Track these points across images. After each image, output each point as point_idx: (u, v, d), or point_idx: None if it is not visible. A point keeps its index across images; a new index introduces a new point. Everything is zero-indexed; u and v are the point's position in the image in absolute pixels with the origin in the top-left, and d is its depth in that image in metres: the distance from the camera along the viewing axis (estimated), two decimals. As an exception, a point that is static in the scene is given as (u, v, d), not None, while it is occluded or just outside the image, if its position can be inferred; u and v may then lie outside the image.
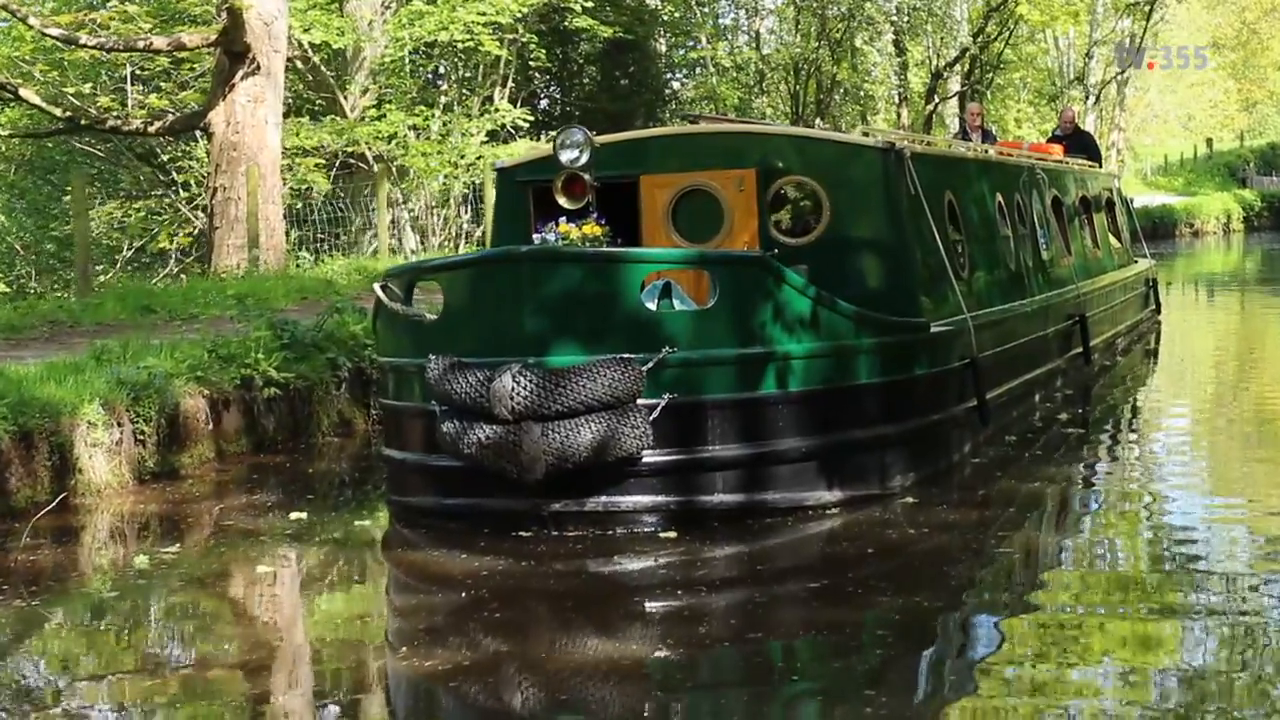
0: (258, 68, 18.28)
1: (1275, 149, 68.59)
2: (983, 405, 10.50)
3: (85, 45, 18.65)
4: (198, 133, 21.40)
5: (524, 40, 28.49)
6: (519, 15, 26.42)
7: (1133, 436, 12.09)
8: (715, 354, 8.43)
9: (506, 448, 8.11)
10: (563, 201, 9.23)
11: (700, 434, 8.44)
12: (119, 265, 23.22)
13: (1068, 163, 17.09)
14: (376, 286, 9.03)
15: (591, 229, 8.81)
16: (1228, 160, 66.18)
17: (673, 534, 8.30)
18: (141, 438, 10.02)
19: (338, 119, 24.89)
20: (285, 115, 26.19)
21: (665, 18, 36.74)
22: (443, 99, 29.03)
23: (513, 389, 8.01)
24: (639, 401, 8.22)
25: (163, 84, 23.19)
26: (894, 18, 43.59)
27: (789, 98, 42.68)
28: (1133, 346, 17.59)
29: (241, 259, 18.06)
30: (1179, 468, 10.50)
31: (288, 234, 22.13)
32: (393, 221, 26.05)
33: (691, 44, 39.98)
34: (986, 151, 14.43)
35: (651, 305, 8.70)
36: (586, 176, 9.24)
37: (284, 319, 12.02)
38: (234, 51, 18.18)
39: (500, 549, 8.15)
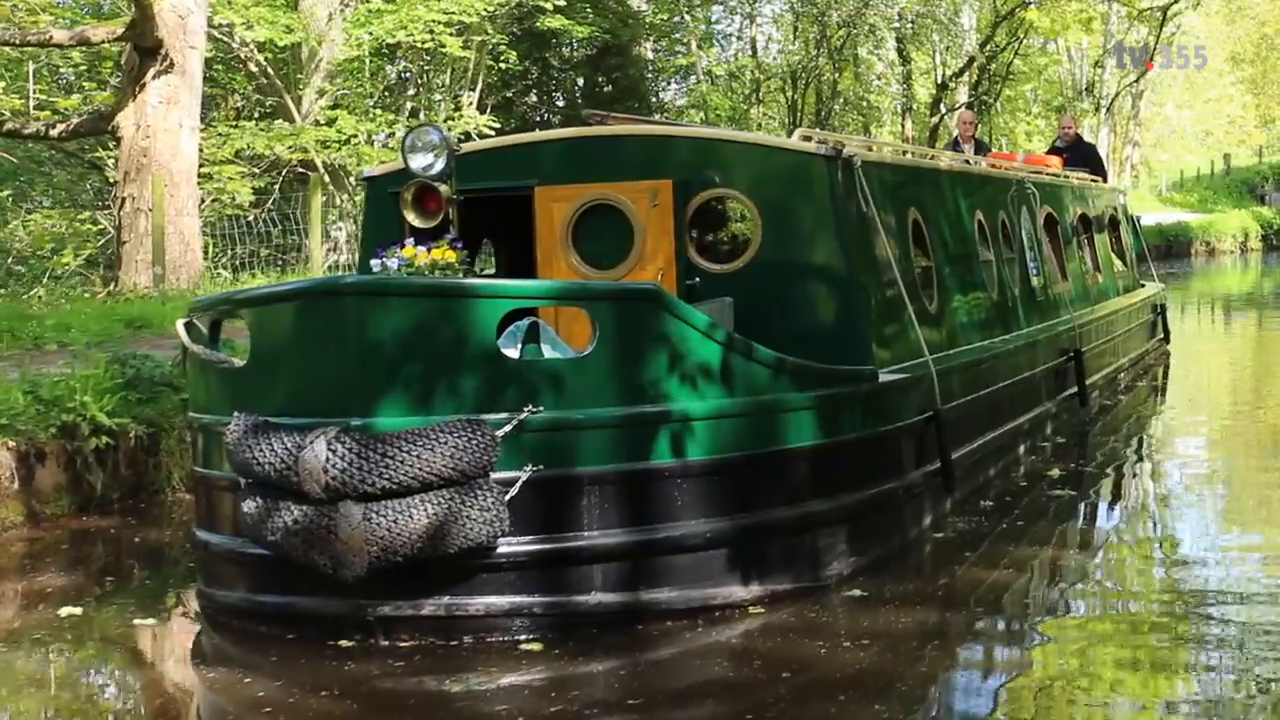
0: (171, 65, 16.53)
1: (1294, 165, 66.57)
2: (948, 467, 8.67)
3: (-24, 41, 16.93)
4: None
5: (494, 42, 26.71)
6: (486, 14, 24.64)
7: (1134, 495, 10.25)
8: (594, 414, 6.64)
9: (318, 534, 6.34)
10: (412, 218, 7.44)
11: (573, 516, 6.65)
12: (45, 279, 21.41)
13: (1066, 176, 15.24)
14: (179, 324, 7.24)
15: (443, 253, 7.00)
16: (1245, 177, 64.18)
17: (538, 645, 6.54)
18: (-84, 502, 8.22)
19: (285, 124, 23.12)
20: (235, 119, 24.55)
21: (651, 21, 34.84)
22: (408, 104, 27.31)
23: (327, 459, 6.26)
24: (492, 476, 6.43)
25: (86, 84, 21.45)
26: (896, 24, 41.77)
27: (786, 107, 40.88)
28: (1137, 383, 15.69)
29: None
30: (1192, 539, 8.71)
31: (226, 249, 20.45)
32: (350, 236, 24.34)
33: (682, 50, 38.15)
34: (977, 162, 12.61)
35: (512, 351, 6.89)
36: (443, 188, 7.43)
37: (130, 352, 10.20)
38: (144, 47, 16.41)
39: (316, 664, 6.40)
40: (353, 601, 6.49)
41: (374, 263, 7.21)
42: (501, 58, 27.33)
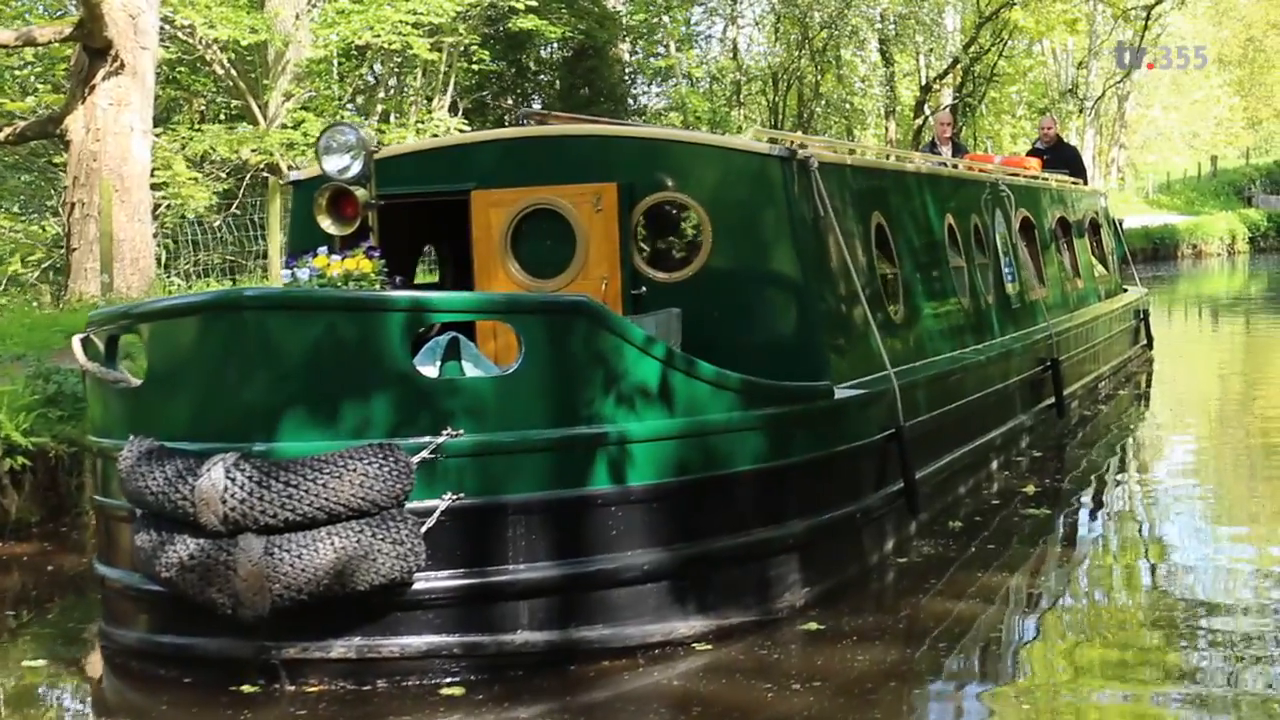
0: (121, 66, 15.96)
1: (1282, 167, 66.16)
2: (911, 488, 8.14)
3: (-85, 41, 16.35)
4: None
5: (466, 43, 26.17)
6: (457, 15, 24.09)
7: (1114, 512, 9.71)
8: (520, 437, 6.11)
9: (216, 570, 5.82)
10: (327, 224, 6.91)
11: (497, 548, 6.13)
12: (4, 285, 20.82)
13: (1045, 179, 14.73)
14: (75, 340, 6.70)
15: (358, 263, 6.47)
16: (1233, 178, 63.79)
17: (459, 689, 6.03)
18: None
19: (250, 126, 22.57)
20: (200, 122, 23.99)
21: (628, 22, 34.25)
22: (379, 107, 26.78)
23: (225, 488, 5.74)
24: (407, 506, 5.90)
25: (40, 86, 20.89)
26: (878, 25, 41.28)
27: (768, 110, 40.37)
28: (1118, 391, 15.18)
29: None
30: (1177, 559, 8.20)
31: (190, 255, 19.92)
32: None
33: (661, 52, 37.60)
34: (956, 166, 12.11)
35: (430, 369, 6.35)
36: (359, 191, 6.90)
37: (53, 367, 9.64)
38: (93, 48, 15.86)
39: (214, 711, 5.90)
40: (255, 643, 5.98)
41: (284, 273, 6.68)
42: (474, 59, 26.80)
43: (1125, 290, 17.84)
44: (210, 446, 5.90)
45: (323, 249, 6.64)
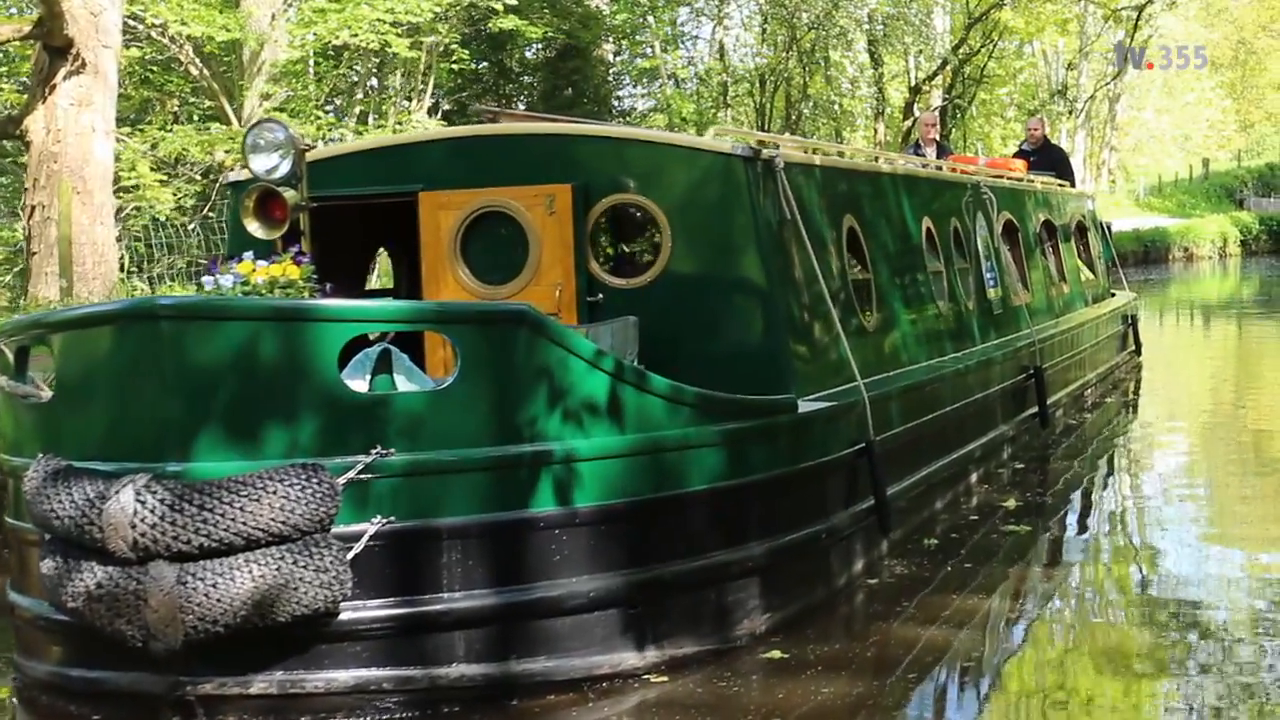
0: (83, 65, 15.49)
1: (1274, 170, 65.86)
2: (882, 505, 7.73)
3: None
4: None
5: (446, 43, 25.76)
6: (436, 15, 23.67)
7: (1099, 528, 9.32)
8: (458, 456, 5.71)
9: (125, 600, 5.42)
10: (254, 228, 6.49)
11: (431, 576, 5.75)
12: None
13: (1031, 181, 14.33)
14: (-17, 352, 6.29)
15: (285, 269, 6.05)
16: (1224, 181, 63.50)
17: (389, 726, 5.63)
18: None
19: (223, 127, 22.14)
20: (174, 123, 23.57)
21: (612, 22, 33.81)
22: (357, 108, 26.37)
23: (135, 512, 5.34)
24: (332, 530, 5.49)
25: (5, 85, 20.47)
26: (866, 26, 40.89)
27: (755, 111, 39.99)
28: (1105, 399, 14.78)
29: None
30: (1165, 579, 7.84)
31: (163, 258, 19.49)
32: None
33: (647, 53, 37.17)
34: (939, 167, 11.71)
35: (359, 383, 5.94)
36: (289, 193, 6.48)
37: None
38: (54, 46, 15.40)
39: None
40: (169, 678, 5.60)
41: (206, 279, 6.26)
42: (455, 59, 26.40)
43: (1113, 295, 17.47)
44: (122, 466, 5.50)
45: (249, 254, 6.22)
